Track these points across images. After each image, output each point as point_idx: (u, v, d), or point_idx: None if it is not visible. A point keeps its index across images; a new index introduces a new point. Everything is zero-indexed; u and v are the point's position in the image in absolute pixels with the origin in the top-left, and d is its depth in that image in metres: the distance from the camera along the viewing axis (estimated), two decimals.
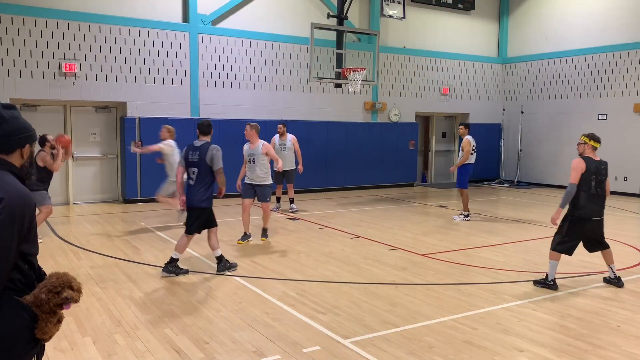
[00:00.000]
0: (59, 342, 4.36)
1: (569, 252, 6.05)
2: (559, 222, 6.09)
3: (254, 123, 8.52)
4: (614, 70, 14.94)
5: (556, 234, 6.14)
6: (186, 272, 6.48)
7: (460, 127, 11.14)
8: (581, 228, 5.96)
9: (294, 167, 11.11)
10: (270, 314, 5.10)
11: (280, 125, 11.14)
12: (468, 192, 10.84)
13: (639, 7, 14.30)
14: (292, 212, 11.05)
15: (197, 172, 6.44)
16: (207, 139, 6.75)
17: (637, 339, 4.61)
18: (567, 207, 6.04)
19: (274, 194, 11.11)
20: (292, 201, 11.27)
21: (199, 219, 6.43)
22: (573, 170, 5.93)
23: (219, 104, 13.08)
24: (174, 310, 5.18)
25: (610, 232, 9.37)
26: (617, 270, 6.85)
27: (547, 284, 6.05)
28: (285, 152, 10.95)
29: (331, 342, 4.47)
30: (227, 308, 5.26)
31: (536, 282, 6.17)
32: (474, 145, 10.88)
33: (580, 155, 6.06)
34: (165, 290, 5.81)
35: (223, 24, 13.16)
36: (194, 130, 12.63)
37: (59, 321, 2.26)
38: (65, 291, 2.18)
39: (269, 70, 13.72)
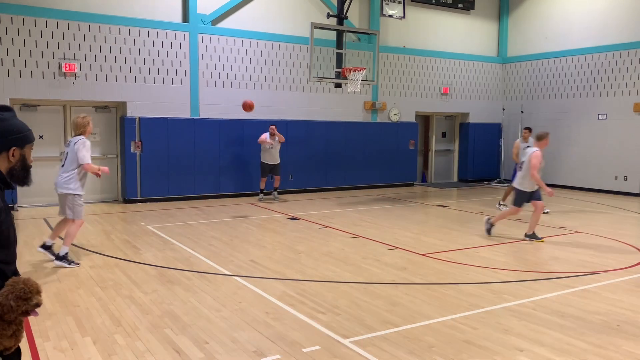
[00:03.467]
0: (59, 342, 4.36)
1: None
2: None
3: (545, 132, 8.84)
4: (613, 70, 14.93)
5: None
6: None
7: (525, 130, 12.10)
8: None
9: (279, 162, 12.69)
10: (270, 314, 5.10)
11: (274, 126, 12.57)
12: None
13: (638, 6, 14.29)
14: (274, 199, 12.86)
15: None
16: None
17: (637, 337, 4.61)
18: None
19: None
20: (276, 189, 12.99)
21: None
22: None
23: (219, 104, 13.09)
24: (174, 310, 5.18)
25: (610, 231, 9.39)
26: (616, 270, 6.86)
27: None
28: (273, 150, 12.53)
29: (331, 341, 4.47)
30: (227, 308, 5.26)
31: None
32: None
33: None
34: (165, 290, 5.81)
35: (223, 24, 13.16)
36: (193, 130, 12.73)
37: (16, 335, 2.12)
38: (35, 297, 2.08)
39: (268, 70, 13.72)
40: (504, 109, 17.80)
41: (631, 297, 5.74)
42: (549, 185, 16.17)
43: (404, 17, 14.46)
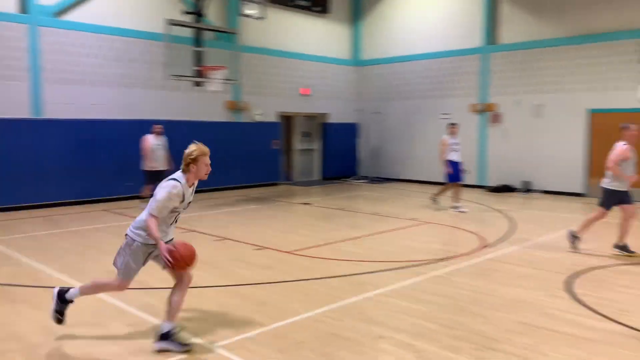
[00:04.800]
0: None
1: None
2: None
3: None
4: (452, 74, 16.42)
5: None
6: None
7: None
8: None
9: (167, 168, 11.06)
10: (133, 326, 4.82)
11: (160, 126, 11.41)
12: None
13: (473, 16, 15.86)
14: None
15: None
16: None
17: (479, 316, 5.13)
18: None
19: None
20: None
21: None
22: None
23: (67, 103, 12.04)
24: (18, 332, 4.66)
25: (454, 220, 10.32)
26: (461, 255, 7.56)
27: None
28: (163, 152, 11.30)
29: (199, 348, 4.35)
30: (84, 324, 4.86)
31: None
32: None
33: None
34: (8, 310, 5.20)
35: (69, 17, 12.13)
36: (35, 132, 11.55)
37: None
38: None
39: (122, 67, 12.94)
40: (359, 110, 18.69)
41: (473, 280, 6.38)
42: (404, 180, 17.47)
43: (263, 17, 14.51)
